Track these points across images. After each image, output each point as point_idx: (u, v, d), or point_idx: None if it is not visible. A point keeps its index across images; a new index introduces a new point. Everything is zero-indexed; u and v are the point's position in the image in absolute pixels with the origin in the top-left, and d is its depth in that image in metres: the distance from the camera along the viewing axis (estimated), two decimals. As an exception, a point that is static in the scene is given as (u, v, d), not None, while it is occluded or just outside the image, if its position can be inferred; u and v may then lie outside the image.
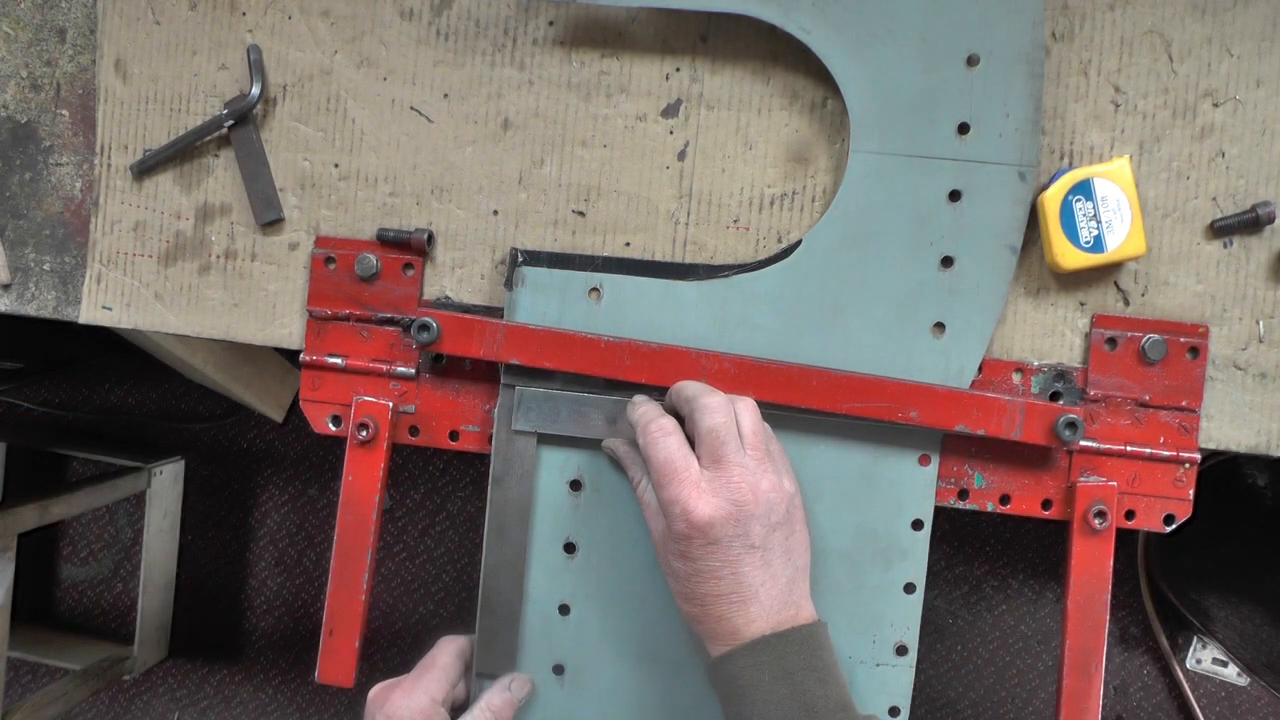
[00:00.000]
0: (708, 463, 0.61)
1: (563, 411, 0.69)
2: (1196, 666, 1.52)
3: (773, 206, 0.71)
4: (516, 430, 0.70)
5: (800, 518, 0.63)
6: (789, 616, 0.60)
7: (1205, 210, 0.68)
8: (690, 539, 0.59)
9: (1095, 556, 0.67)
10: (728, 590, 0.59)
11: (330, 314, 0.73)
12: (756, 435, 0.62)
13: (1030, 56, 0.65)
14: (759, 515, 0.59)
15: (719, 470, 0.60)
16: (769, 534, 0.60)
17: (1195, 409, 0.68)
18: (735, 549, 0.59)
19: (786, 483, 0.62)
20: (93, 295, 0.76)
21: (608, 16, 0.71)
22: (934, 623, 1.56)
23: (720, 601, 0.60)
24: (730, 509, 0.59)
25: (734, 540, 0.59)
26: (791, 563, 0.61)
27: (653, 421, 0.63)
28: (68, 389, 1.68)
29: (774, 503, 0.60)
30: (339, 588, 0.71)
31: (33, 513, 1.30)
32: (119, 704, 1.68)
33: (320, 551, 1.65)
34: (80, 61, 0.75)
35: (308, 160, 0.74)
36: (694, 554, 0.60)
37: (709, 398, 0.63)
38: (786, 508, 0.61)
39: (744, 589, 0.59)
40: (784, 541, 0.61)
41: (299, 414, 1.57)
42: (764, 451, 0.62)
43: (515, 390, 0.69)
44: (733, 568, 0.59)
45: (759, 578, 0.59)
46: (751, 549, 0.59)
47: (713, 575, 0.60)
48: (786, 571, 0.61)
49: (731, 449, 0.60)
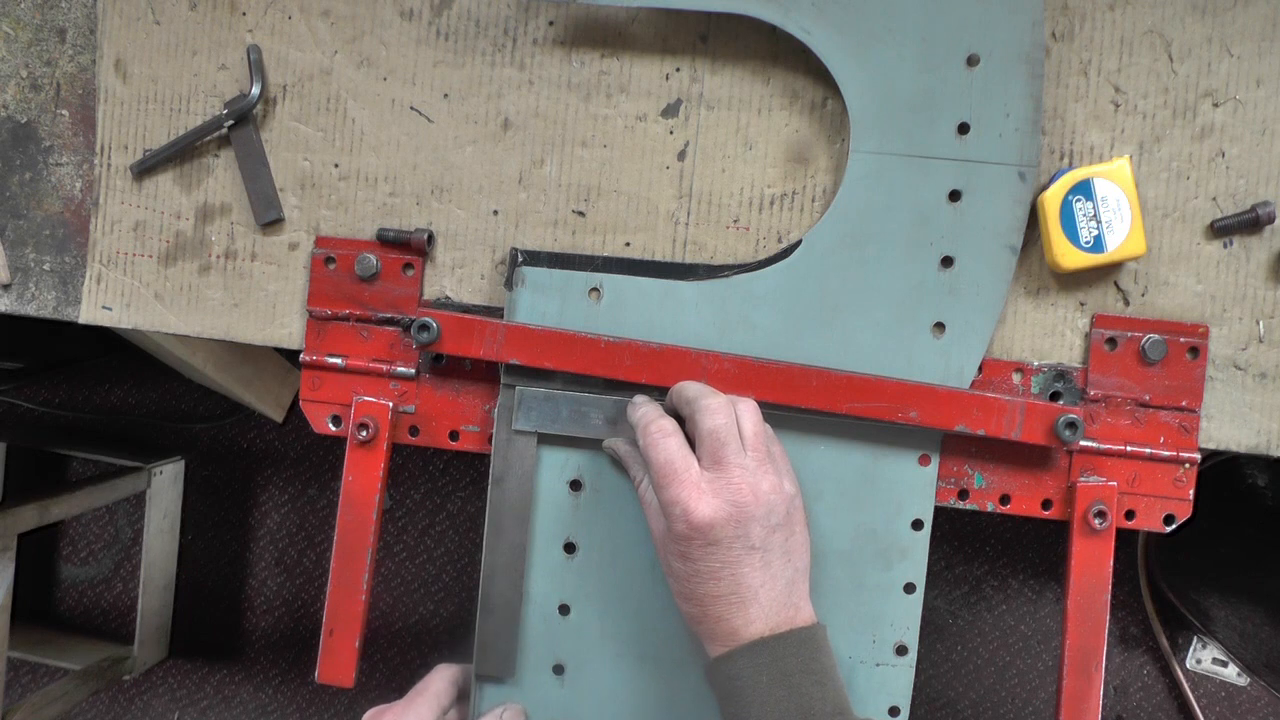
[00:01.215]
0: (708, 464, 0.61)
1: (563, 411, 0.69)
2: (1196, 666, 1.52)
3: (773, 206, 0.71)
4: (517, 430, 0.70)
5: (800, 519, 0.63)
6: (788, 618, 0.60)
7: (1205, 210, 0.68)
8: (690, 540, 0.59)
9: (1095, 556, 0.67)
10: (727, 591, 0.59)
11: (330, 314, 0.73)
12: (758, 437, 0.62)
13: (1030, 56, 0.65)
14: (759, 516, 0.59)
15: (719, 471, 0.60)
16: (769, 535, 0.60)
17: (1195, 409, 0.68)
18: (735, 550, 0.59)
19: (787, 484, 0.62)
20: (93, 295, 0.76)
21: (608, 16, 0.71)
22: (934, 623, 1.56)
23: (719, 602, 0.60)
24: (730, 510, 0.59)
25: (734, 541, 0.59)
26: (791, 564, 0.61)
27: (653, 422, 0.63)
28: (68, 389, 1.68)
29: (774, 504, 0.60)
30: (339, 588, 0.72)
31: (33, 513, 1.30)
32: (119, 704, 1.68)
33: (320, 551, 1.65)
34: (80, 61, 0.75)
35: (308, 160, 0.74)
36: (694, 555, 0.60)
37: (710, 399, 0.63)
38: (787, 509, 0.61)
39: (743, 590, 0.59)
40: (784, 543, 0.61)
41: (299, 414, 1.57)
42: (765, 453, 0.61)
43: (515, 390, 0.69)
44: (732, 569, 0.59)
45: (758, 579, 0.59)
46: (751, 550, 0.59)
47: (712, 576, 0.59)
48: (786, 573, 0.61)
49: (732, 450, 0.60)
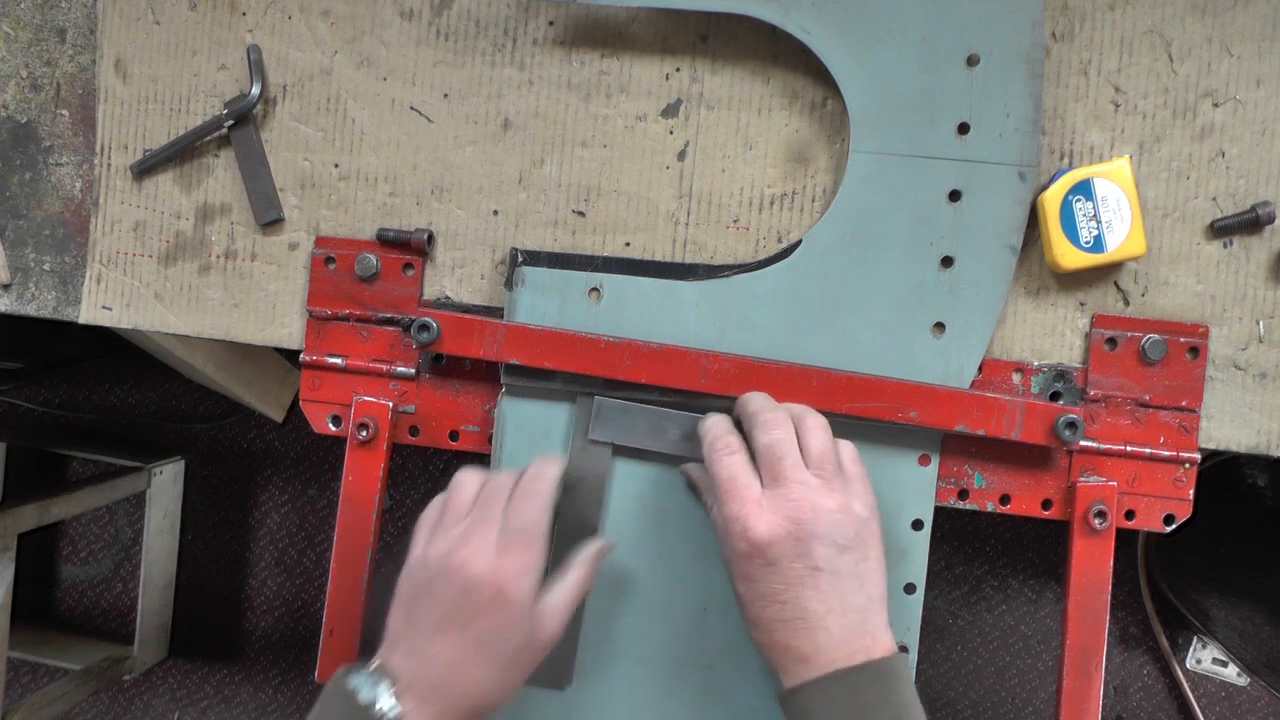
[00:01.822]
0: (767, 480, 0.58)
1: (640, 424, 0.67)
2: (1196, 666, 1.52)
3: (773, 206, 0.71)
4: (592, 440, 0.68)
5: (876, 544, 0.59)
6: (863, 647, 0.56)
7: (1205, 210, 0.68)
8: (750, 558, 0.57)
9: (1095, 556, 0.67)
10: (791, 616, 0.56)
11: (330, 314, 0.73)
12: (824, 454, 0.59)
13: (1030, 56, 0.65)
14: (820, 535, 0.56)
15: (777, 488, 0.57)
16: (835, 557, 0.56)
17: (1195, 409, 0.68)
18: (796, 570, 0.56)
19: (858, 505, 0.58)
20: (93, 295, 0.76)
21: (608, 16, 0.71)
22: (934, 623, 1.56)
23: (785, 628, 0.56)
24: (789, 527, 0.56)
25: (794, 561, 0.56)
26: (864, 590, 0.57)
27: (719, 439, 0.61)
28: (68, 389, 1.68)
29: (840, 524, 0.57)
30: (339, 588, 0.72)
31: (33, 513, 1.30)
32: (119, 704, 1.68)
33: (320, 551, 1.65)
34: (80, 61, 0.75)
35: (308, 160, 0.74)
36: (755, 575, 0.57)
37: (768, 413, 0.60)
38: (856, 531, 0.57)
39: (808, 615, 0.56)
40: (854, 567, 0.57)
41: (299, 414, 1.57)
42: (832, 471, 0.59)
43: (594, 400, 0.68)
44: (794, 591, 0.56)
45: (825, 604, 0.56)
46: (815, 572, 0.56)
47: (775, 599, 0.56)
48: (858, 600, 0.56)
49: (788, 465, 0.58)
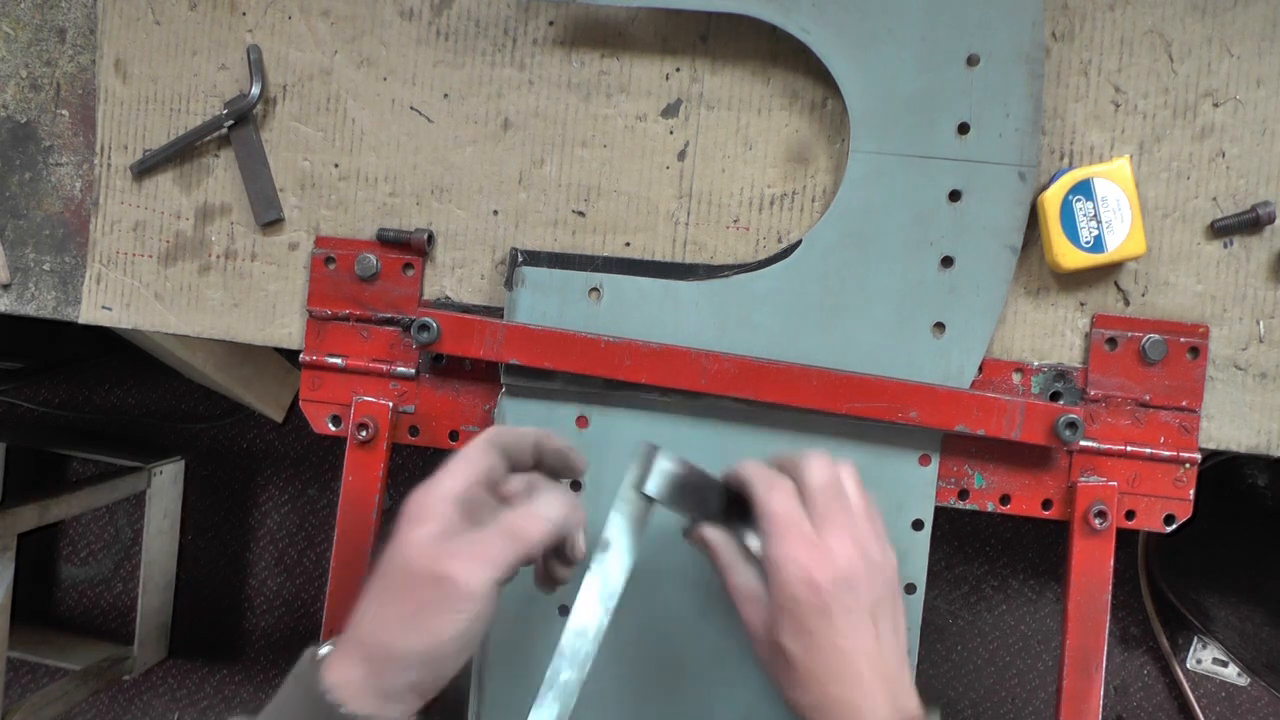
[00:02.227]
0: (818, 521, 0.57)
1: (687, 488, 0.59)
2: (1196, 666, 1.52)
3: (773, 206, 0.71)
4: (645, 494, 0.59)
5: (900, 594, 0.59)
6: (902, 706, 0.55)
7: (1205, 210, 0.68)
8: (803, 604, 0.55)
9: (1095, 556, 0.67)
10: (848, 669, 0.55)
11: (330, 314, 0.73)
12: (862, 500, 0.59)
13: (1030, 56, 0.65)
14: (868, 582, 0.56)
15: (829, 530, 0.56)
16: (877, 605, 0.56)
17: (1195, 409, 0.68)
18: (852, 617, 0.55)
19: (891, 554, 0.58)
20: (93, 295, 0.76)
21: (608, 16, 0.71)
22: (934, 623, 1.56)
23: (842, 682, 0.54)
24: (845, 570, 0.55)
25: (850, 609, 0.55)
26: (898, 640, 0.57)
27: (775, 476, 0.58)
28: (68, 389, 1.68)
29: (882, 570, 0.57)
30: (339, 588, 0.71)
31: (33, 513, 1.30)
32: (119, 704, 1.68)
33: (320, 551, 1.65)
34: (80, 61, 0.75)
35: (308, 160, 0.74)
36: (810, 626, 0.55)
37: (816, 456, 0.59)
38: (889, 579, 0.57)
39: (861, 665, 0.55)
40: (891, 615, 0.57)
41: (299, 414, 1.56)
42: (869, 517, 0.58)
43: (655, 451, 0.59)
44: (850, 640, 0.55)
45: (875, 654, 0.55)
46: (867, 618, 0.55)
47: (832, 649, 0.55)
48: (897, 651, 0.56)
49: (840, 508, 0.57)
